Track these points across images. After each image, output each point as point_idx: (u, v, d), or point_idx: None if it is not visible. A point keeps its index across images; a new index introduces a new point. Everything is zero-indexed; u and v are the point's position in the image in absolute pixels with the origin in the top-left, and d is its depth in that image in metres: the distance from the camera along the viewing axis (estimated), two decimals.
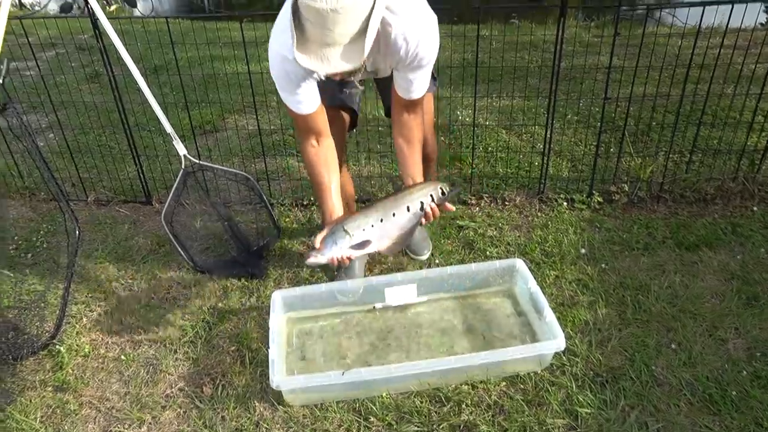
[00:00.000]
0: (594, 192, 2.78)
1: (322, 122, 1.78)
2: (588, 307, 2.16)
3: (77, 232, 2.10)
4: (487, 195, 2.85)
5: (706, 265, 2.35)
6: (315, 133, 1.79)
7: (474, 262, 2.40)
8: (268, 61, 1.66)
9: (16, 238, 2.77)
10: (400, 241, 1.66)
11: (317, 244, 1.65)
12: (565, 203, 2.79)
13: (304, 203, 2.90)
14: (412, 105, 1.77)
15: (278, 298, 2.08)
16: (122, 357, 2.07)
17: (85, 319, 2.25)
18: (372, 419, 1.78)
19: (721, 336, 2.00)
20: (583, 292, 2.24)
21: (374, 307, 2.17)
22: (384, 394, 1.84)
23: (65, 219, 2.10)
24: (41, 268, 2.55)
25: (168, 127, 2.43)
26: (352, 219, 1.66)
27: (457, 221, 2.69)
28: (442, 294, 2.21)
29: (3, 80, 2.05)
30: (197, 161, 2.51)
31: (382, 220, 1.64)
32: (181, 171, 2.47)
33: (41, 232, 2.80)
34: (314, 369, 1.95)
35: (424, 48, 1.64)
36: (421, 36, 1.62)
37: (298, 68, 1.55)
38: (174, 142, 2.45)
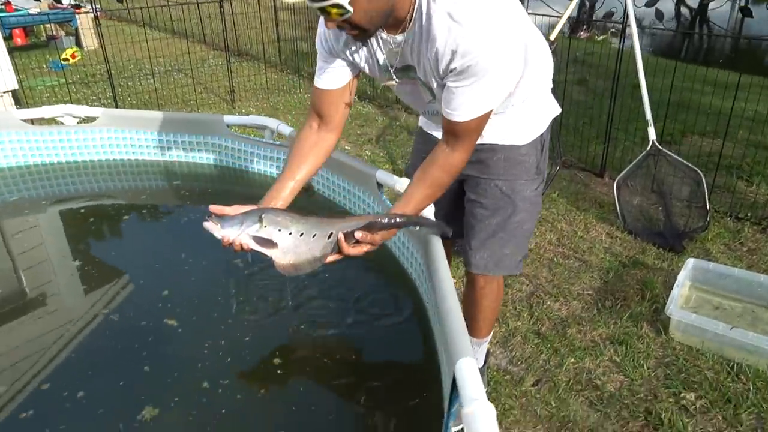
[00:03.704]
0: None
1: (329, 107, 1.57)
2: None
3: (557, 168, 2.97)
4: None
5: None
6: (317, 115, 1.58)
7: None
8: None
9: None
10: (299, 267, 1.40)
11: (224, 210, 1.42)
12: None
13: (739, 216, 3.12)
14: (450, 132, 1.39)
15: (691, 263, 2.48)
16: (554, 259, 2.84)
17: None
18: (742, 376, 2.05)
19: None
20: None
21: None
22: (761, 369, 2.07)
23: (555, 160, 2.96)
24: None
25: (648, 115, 3.05)
26: (276, 213, 1.43)
27: None
28: None
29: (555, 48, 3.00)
30: (661, 148, 3.06)
31: (302, 235, 1.39)
32: (646, 150, 3.06)
33: None
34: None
35: (474, 44, 1.26)
36: (472, 25, 1.26)
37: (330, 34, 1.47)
38: (649, 128, 3.05)
